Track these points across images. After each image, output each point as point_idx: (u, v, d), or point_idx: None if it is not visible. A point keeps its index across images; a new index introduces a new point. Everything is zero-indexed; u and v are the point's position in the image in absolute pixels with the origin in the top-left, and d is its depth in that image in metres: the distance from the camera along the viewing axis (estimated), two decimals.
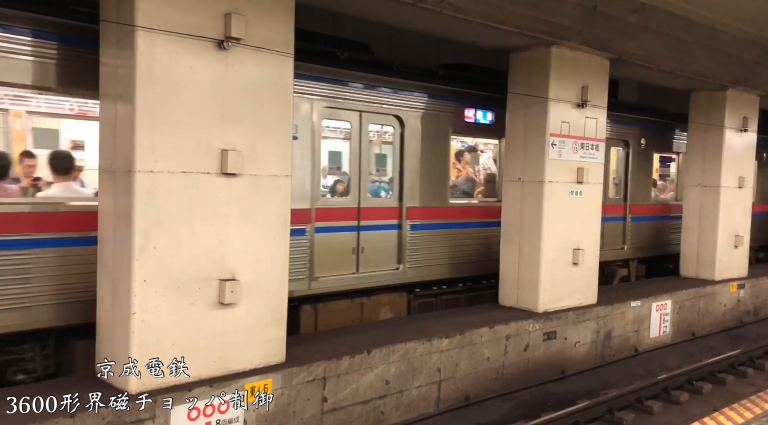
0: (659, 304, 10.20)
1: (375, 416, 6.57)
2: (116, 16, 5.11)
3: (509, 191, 8.70)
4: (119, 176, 5.16)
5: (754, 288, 12.48)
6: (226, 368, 5.52)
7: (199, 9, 5.21)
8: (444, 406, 7.21)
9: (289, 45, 5.77)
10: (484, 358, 7.63)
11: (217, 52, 5.34)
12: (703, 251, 11.70)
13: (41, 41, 5.43)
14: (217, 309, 5.46)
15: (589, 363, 8.99)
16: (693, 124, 11.73)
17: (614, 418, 7.40)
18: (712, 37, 10.17)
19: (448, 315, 8.31)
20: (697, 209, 11.75)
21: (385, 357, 6.63)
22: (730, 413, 6.76)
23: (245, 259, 5.61)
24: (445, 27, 7.33)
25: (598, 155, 8.97)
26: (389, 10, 6.79)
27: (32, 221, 5.47)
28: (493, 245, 9.19)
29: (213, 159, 5.36)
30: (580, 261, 8.75)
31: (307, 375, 5.97)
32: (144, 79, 4.99)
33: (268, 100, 5.69)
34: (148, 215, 5.06)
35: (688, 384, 8.66)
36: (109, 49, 5.29)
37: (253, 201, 5.63)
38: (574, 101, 8.52)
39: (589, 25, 8.28)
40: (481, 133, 9.63)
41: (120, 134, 5.16)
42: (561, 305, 8.67)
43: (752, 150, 12.19)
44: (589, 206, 8.95)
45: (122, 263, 5.12)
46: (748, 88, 11.46)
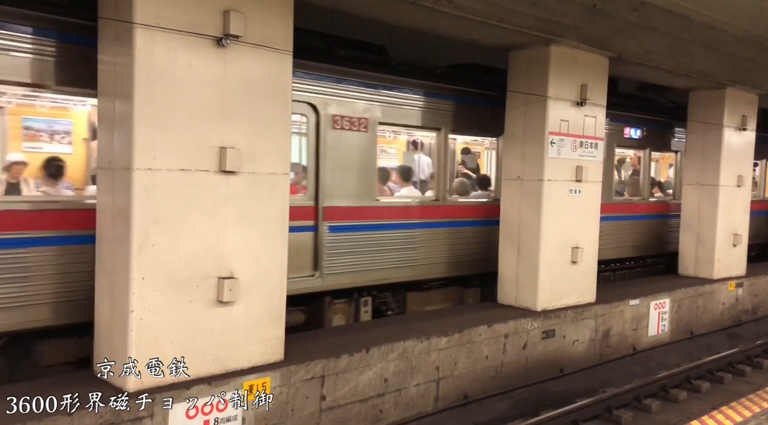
0: (658, 303, 10.20)
1: (373, 414, 6.56)
2: (115, 13, 5.10)
3: (508, 189, 8.69)
4: (117, 173, 5.15)
5: (752, 287, 12.49)
6: (225, 366, 5.51)
7: (197, 6, 5.19)
8: (442, 404, 7.21)
9: (288, 42, 5.75)
10: (482, 356, 7.63)
11: (216, 50, 5.32)
12: (702, 250, 11.71)
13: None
14: (216, 307, 5.45)
15: (588, 361, 9.00)
16: (692, 122, 11.73)
17: (613, 417, 7.40)
18: (711, 36, 10.17)
19: (447, 314, 8.31)
20: (695, 207, 11.75)
21: (384, 355, 6.62)
22: (728, 411, 6.77)
23: (244, 257, 5.60)
24: (444, 25, 7.31)
25: (597, 154, 8.96)
26: (388, 8, 6.78)
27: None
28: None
29: (211, 157, 5.35)
30: (579, 260, 8.74)
31: (305, 374, 5.96)
32: (142, 77, 4.97)
33: (267, 98, 5.67)
34: (147, 212, 5.05)
35: (687, 382, 8.66)
36: (107, 47, 5.27)
37: (251, 199, 5.62)
38: (574, 100, 8.51)
39: (588, 23, 8.27)
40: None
41: (118, 131, 5.15)
42: (560, 304, 8.67)
43: (751, 149, 12.19)
44: (588, 204, 8.94)
45: (120, 261, 5.11)
46: (747, 86, 11.46)
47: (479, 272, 9.32)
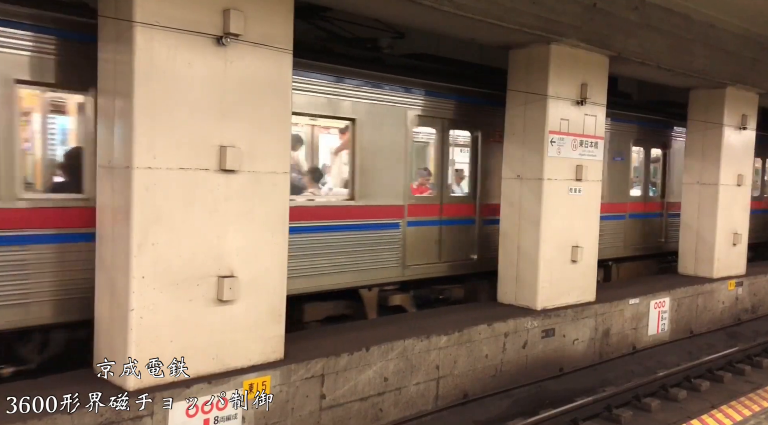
0: (657, 302, 10.21)
1: (373, 413, 6.56)
2: (115, 12, 5.09)
3: (508, 188, 8.69)
4: (117, 172, 5.14)
5: (752, 286, 12.50)
6: (225, 365, 5.51)
7: (197, 5, 5.18)
8: (442, 403, 7.21)
9: (288, 41, 5.75)
10: (482, 355, 7.63)
11: (216, 48, 5.32)
12: (702, 249, 11.72)
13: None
14: (216, 306, 5.45)
15: (588, 360, 9.00)
16: (692, 121, 11.73)
17: (612, 415, 7.40)
18: (711, 35, 10.16)
19: (447, 312, 8.31)
20: (695, 206, 11.75)
21: (384, 354, 6.62)
22: (728, 410, 6.76)
23: (244, 256, 5.60)
24: (444, 23, 7.31)
25: (597, 153, 8.96)
26: (389, 7, 6.78)
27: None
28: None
29: (211, 156, 5.35)
30: (578, 259, 8.74)
31: (305, 372, 5.96)
32: (142, 75, 4.97)
33: (267, 97, 5.67)
34: (147, 211, 5.04)
35: (687, 381, 8.66)
36: (107, 45, 5.27)
37: (251, 198, 5.62)
38: (574, 99, 8.51)
39: (588, 22, 8.27)
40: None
41: (118, 130, 5.14)
42: (559, 303, 8.67)
43: (751, 148, 12.19)
44: (588, 203, 8.94)
45: (120, 260, 5.11)
46: (747, 85, 11.46)
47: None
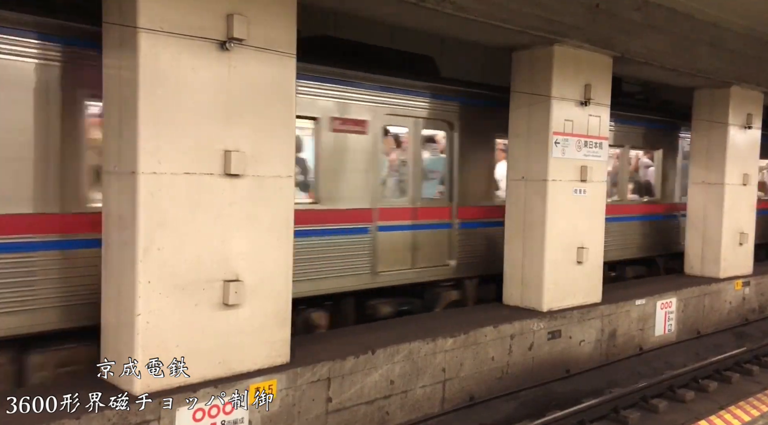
0: (664, 302, 10.17)
1: (380, 416, 6.56)
2: (119, 18, 5.11)
3: (513, 189, 8.69)
4: (123, 177, 5.16)
5: (759, 286, 12.45)
6: (231, 369, 5.52)
7: (201, 10, 5.20)
8: (449, 406, 7.20)
9: (291, 45, 5.76)
10: (488, 357, 7.62)
11: (220, 53, 5.34)
12: (708, 249, 11.67)
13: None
14: (222, 310, 5.46)
15: (594, 361, 8.98)
16: (697, 121, 11.70)
17: (619, 417, 7.38)
18: (715, 35, 10.14)
19: (453, 315, 8.31)
20: (701, 206, 11.72)
21: (390, 357, 6.62)
22: (736, 411, 6.74)
23: (249, 260, 5.61)
24: (447, 26, 7.32)
25: (602, 153, 8.95)
26: (391, 10, 6.79)
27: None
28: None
29: (216, 160, 5.36)
30: (584, 260, 8.73)
31: (311, 376, 5.96)
32: (147, 81, 4.99)
33: (271, 101, 5.68)
34: (152, 216, 5.06)
35: (694, 382, 8.62)
36: (111, 51, 5.29)
37: (256, 202, 5.63)
38: (578, 99, 8.50)
39: (591, 23, 8.27)
40: None
41: (123, 135, 5.16)
42: (565, 304, 8.65)
43: (756, 147, 12.15)
44: (593, 204, 8.93)
45: (126, 265, 5.12)
46: (752, 84, 11.43)
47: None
